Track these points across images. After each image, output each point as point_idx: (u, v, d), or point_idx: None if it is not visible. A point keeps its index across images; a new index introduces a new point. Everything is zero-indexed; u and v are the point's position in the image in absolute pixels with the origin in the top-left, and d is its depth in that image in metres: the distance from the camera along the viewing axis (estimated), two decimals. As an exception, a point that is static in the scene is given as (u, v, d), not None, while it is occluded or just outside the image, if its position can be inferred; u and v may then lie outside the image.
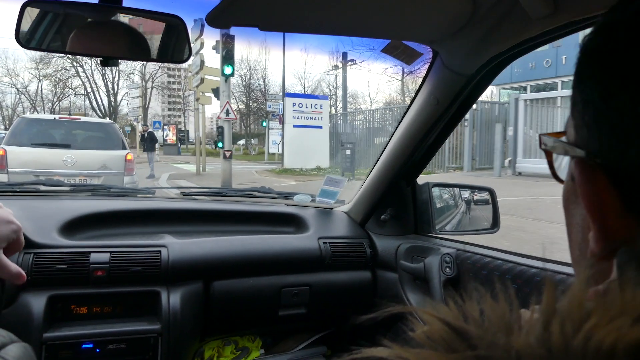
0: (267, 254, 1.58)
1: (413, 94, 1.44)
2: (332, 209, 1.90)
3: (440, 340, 0.29)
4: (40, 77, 39.24)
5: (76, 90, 40.98)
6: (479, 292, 0.33)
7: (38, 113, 37.88)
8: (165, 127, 26.34)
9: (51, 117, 8.03)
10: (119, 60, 1.08)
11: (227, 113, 12.27)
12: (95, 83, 40.92)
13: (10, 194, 1.60)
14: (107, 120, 8.91)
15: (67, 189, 1.75)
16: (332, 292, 1.68)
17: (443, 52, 1.21)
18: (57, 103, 41.81)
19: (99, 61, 1.06)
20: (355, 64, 22.95)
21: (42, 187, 1.69)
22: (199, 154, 16.29)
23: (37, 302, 1.24)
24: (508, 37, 1.05)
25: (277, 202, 1.99)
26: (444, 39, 1.14)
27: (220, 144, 12.10)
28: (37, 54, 34.74)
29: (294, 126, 17.27)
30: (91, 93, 40.63)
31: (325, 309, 1.71)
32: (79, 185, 1.87)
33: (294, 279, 1.62)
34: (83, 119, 8.59)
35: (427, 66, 1.33)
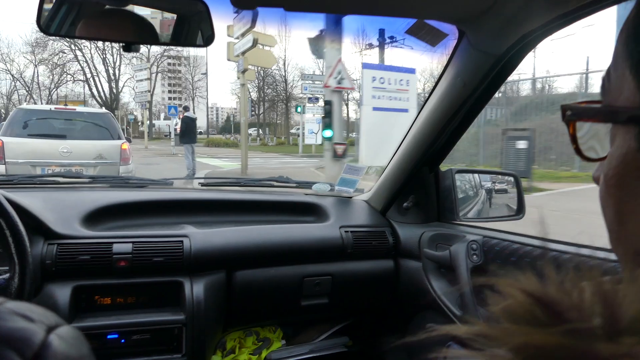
0: (289, 244, 1.56)
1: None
2: (351, 197, 1.88)
3: (525, 314, 0.26)
4: (37, 62, 35.83)
5: (75, 76, 37.49)
6: (562, 267, 0.30)
7: (35, 101, 36.04)
8: (174, 115, 22.08)
9: (47, 107, 8.10)
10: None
11: (340, 79, 6.91)
12: (95, 68, 37.32)
13: (30, 186, 1.60)
14: (103, 110, 8.91)
15: (86, 180, 1.75)
16: (355, 282, 1.66)
17: (470, 32, 1.18)
18: (54, 90, 38.17)
19: (120, 47, 1.04)
20: (396, 41, 17.81)
21: (62, 179, 1.68)
22: (245, 146, 12.62)
23: (62, 293, 1.23)
24: (541, 14, 1.01)
25: (296, 191, 1.97)
26: (472, 18, 1.10)
27: (328, 133, 7.17)
28: (32, 37, 33.43)
29: (374, 109, 11.92)
30: (91, 79, 37.14)
31: (348, 298, 1.69)
32: (97, 177, 1.86)
33: (315, 268, 1.60)
34: (79, 109, 8.59)
35: (452, 47, 1.30)
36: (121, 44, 1.02)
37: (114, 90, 38.05)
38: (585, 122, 0.40)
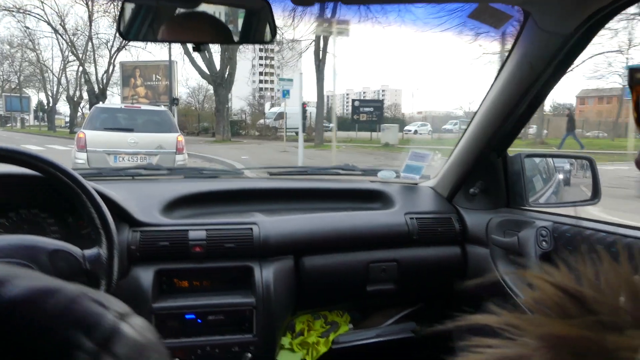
0: (355, 230, 1.59)
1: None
2: (417, 184, 1.87)
3: (553, 306, 0.28)
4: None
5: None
6: (596, 254, 0.31)
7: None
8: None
9: (118, 106, 10.08)
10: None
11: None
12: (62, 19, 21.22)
13: (117, 178, 1.74)
14: (162, 107, 10.22)
15: (164, 172, 1.88)
16: (421, 268, 1.67)
17: (535, 12, 1.14)
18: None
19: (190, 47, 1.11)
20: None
21: (144, 172, 1.82)
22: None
23: (146, 276, 1.35)
24: (611, -11, 0.96)
25: (361, 179, 1.99)
26: (537, -2, 1.07)
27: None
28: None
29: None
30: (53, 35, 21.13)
31: (414, 284, 1.70)
32: (174, 169, 1.99)
33: (381, 254, 1.62)
34: (143, 107, 10.55)
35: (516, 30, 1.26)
36: (193, 45, 1.09)
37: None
38: None
